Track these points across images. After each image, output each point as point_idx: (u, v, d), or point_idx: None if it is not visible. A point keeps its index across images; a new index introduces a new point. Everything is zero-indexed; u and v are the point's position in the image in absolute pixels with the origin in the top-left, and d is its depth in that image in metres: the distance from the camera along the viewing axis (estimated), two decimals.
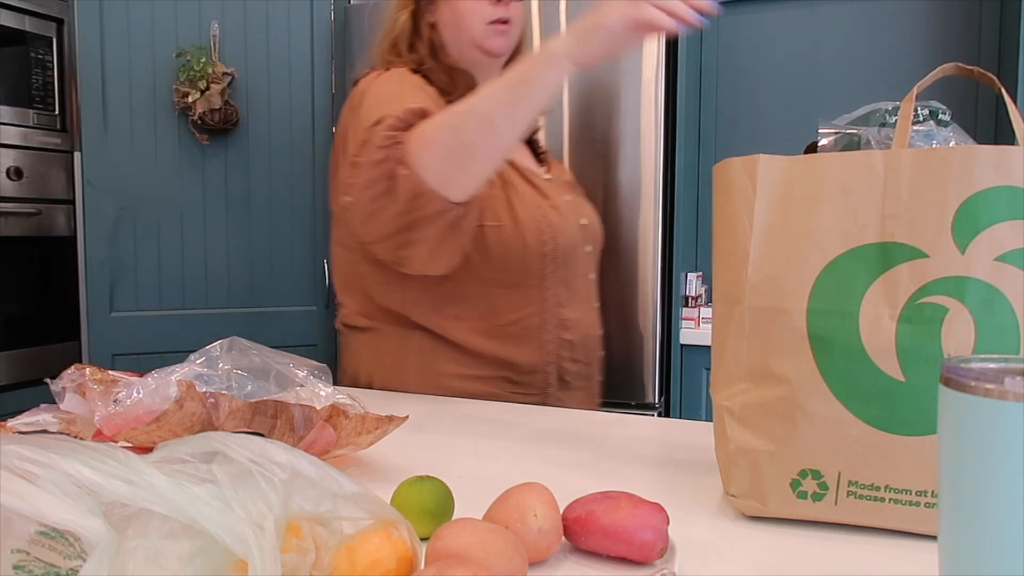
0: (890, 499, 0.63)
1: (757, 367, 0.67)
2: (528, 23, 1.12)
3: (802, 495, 0.66)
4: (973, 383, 0.41)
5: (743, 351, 0.68)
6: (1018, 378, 0.40)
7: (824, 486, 0.65)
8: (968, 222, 0.61)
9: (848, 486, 0.64)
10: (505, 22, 1.13)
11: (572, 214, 1.20)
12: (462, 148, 0.91)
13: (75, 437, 0.72)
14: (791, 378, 0.65)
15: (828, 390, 0.64)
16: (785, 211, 0.66)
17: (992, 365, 0.43)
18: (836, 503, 0.65)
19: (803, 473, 0.65)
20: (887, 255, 0.63)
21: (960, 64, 0.72)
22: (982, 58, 2.11)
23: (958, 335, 0.61)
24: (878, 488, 0.64)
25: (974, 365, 0.43)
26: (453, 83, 1.14)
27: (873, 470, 0.63)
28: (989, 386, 0.40)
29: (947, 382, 0.43)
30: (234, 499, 0.43)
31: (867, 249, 0.64)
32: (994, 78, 0.71)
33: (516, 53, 1.22)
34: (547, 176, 1.24)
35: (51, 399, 0.70)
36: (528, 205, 1.13)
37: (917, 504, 0.63)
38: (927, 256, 0.62)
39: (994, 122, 2.09)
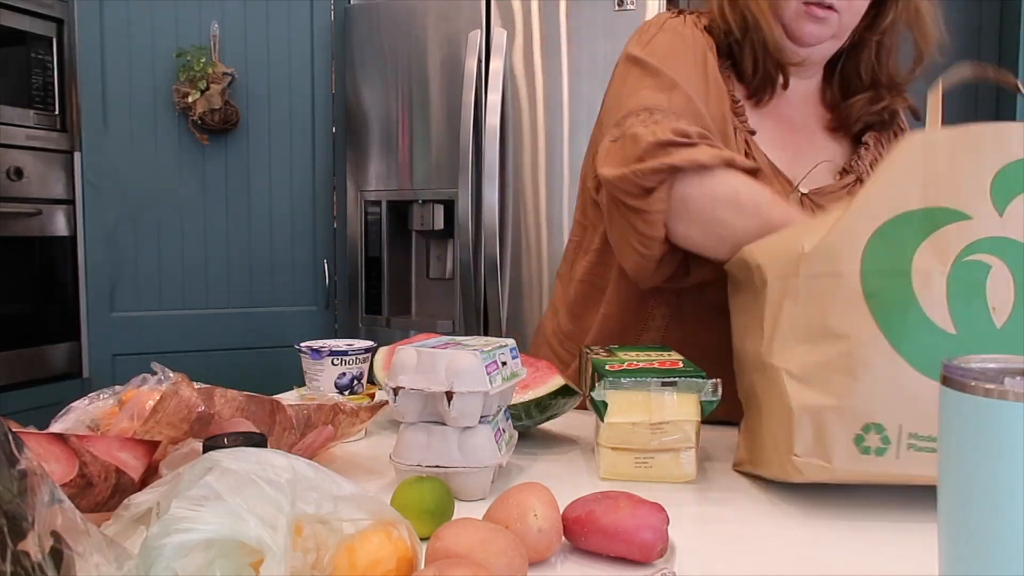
0: None
1: (815, 328, 0.70)
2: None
3: (866, 450, 0.68)
4: (973, 383, 0.41)
5: (799, 317, 0.71)
6: (1018, 378, 0.40)
7: (886, 439, 0.67)
8: (1004, 188, 0.67)
9: (908, 439, 0.67)
10: (827, 7, 0.94)
11: None
12: (712, 238, 0.89)
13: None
14: (850, 334, 0.68)
15: (887, 343, 0.67)
16: None
17: (992, 365, 0.43)
18: (897, 456, 0.67)
19: (866, 428, 0.67)
20: (932, 219, 0.68)
21: (977, 63, 0.76)
22: (982, 58, 2.11)
23: (1000, 290, 0.66)
24: (935, 440, 0.64)
25: (974, 365, 0.43)
26: (753, 67, 0.99)
27: (931, 421, 0.63)
28: (989, 386, 0.40)
29: (947, 382, 0.43)
30: (242, 507, 0.43)
31: (912, 215, 0.68)
32: (1011, 76, 0.73)
33: (839, 55, 1.03)
34: None
35: (51, 400, 0.70)
36: None
37: None
38: (970, 218, 0.67)
39: (994, 118, 2.09)
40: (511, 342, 0.82)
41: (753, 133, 0.99)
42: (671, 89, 0.94)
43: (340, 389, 0.94)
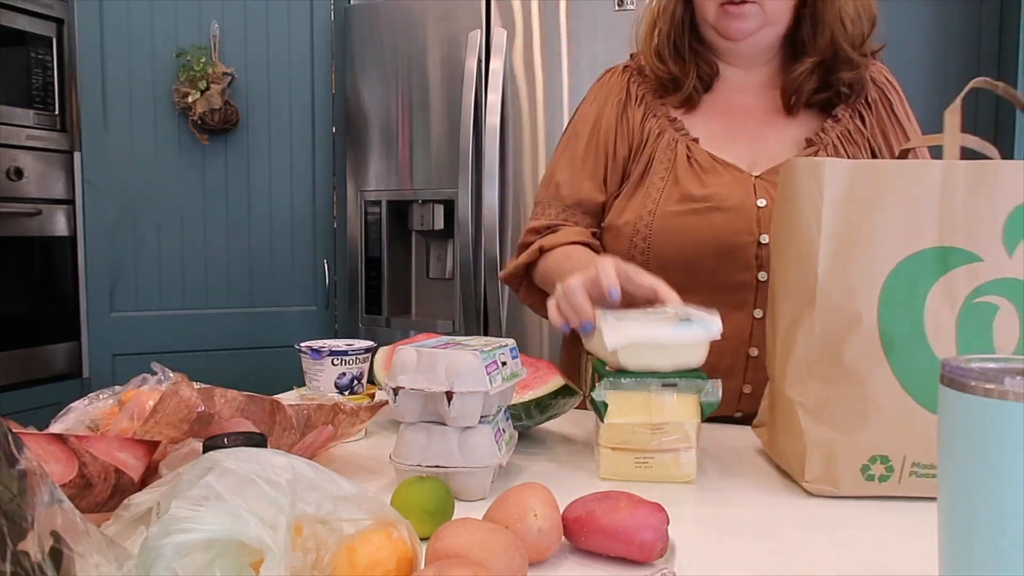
0: None
1: (829, 365, 0.72)
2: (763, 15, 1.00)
3: (870, 478, 0.72)
4: (973, 383, 0.41)
5: (814, 349, 0.73)
6: (1018, 378, 0.40)
7: (891, 469, 0.72)
8: (1016, 228, 0.68)
9: (911, 467, 0.71)
10: (740, 2, 0.99)
11: None
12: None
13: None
14: (863, 375, 0.71)
15: (897, 383, 0.70)
16: (848, 215, 0.71)
17: (992, 365, 0.43)
18: (899, 482, 0.72)
19: (873, 459, 0.72)
20: (945, 259, 0.69)
21: (988, 80, 0.76)
22: (982, 58, 2.11)
23: (1005, 330, 0.68)
24: (935, 467, 0.68)
25: (974, 365, 0.43)
26: (680, 74, 1.07)
27: (933, 452, 0.68)
28: (989, 386, 0.40)
29: (947, 382, 0.43)
30: (242, 507, 0.43)
31: (928, 253, 0.70)
32: (1017, 94, 0.74)
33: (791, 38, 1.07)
34: None
35: (51, 400, 0.70)
36: None
37: None
38: (981, 260, 0.69)
39: (994, 125, 2.09)
40: (511, 342, 0.82)
41: (696, 140, 1.06)
42: (553, 178, 1.13)
43: (340, 389, 0.94)
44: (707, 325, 0.77)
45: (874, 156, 1.05)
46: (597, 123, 1.11)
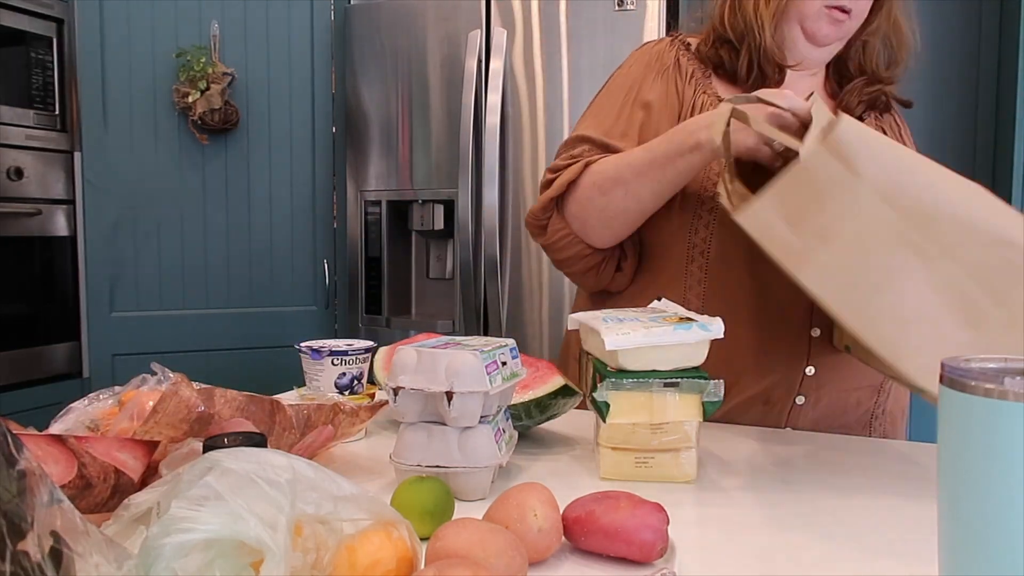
0: None
1: None
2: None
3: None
4: (973, 383, 0.41)
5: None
6: (1018, 378, 0.40)
7: None
8: None
9: None
10: (846, 11, 1.00)
11: None
12: (606, 211, 1.01)
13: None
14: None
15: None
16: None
17: (992, 365, 0.43)
18: None
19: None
20: None
21: None
22: (982, 58, 2.11)
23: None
24: None
25: (974, 365, 0.43)
26: (748, 70, 1.05)
27: None
28: (989, 386, 0.40)
29: (947, 382, 0.43)
30: (242, 507, 0.43)
31: None
32: None
33: (843, 56, 1.10)
34: None
35: (51, 400, 0.70)
36: None
37: None
38: None
39: (994, 125, 2.09)
40: (511, 342, 0.82)
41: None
42: (578, 132, 1.08)
43: (340, 389, 0.94)
44: (707, 325, 0.77)
45: None
46: (636, 86, 1.08)
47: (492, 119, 2.16)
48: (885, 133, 1.10)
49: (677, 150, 0.93)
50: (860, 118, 1.10)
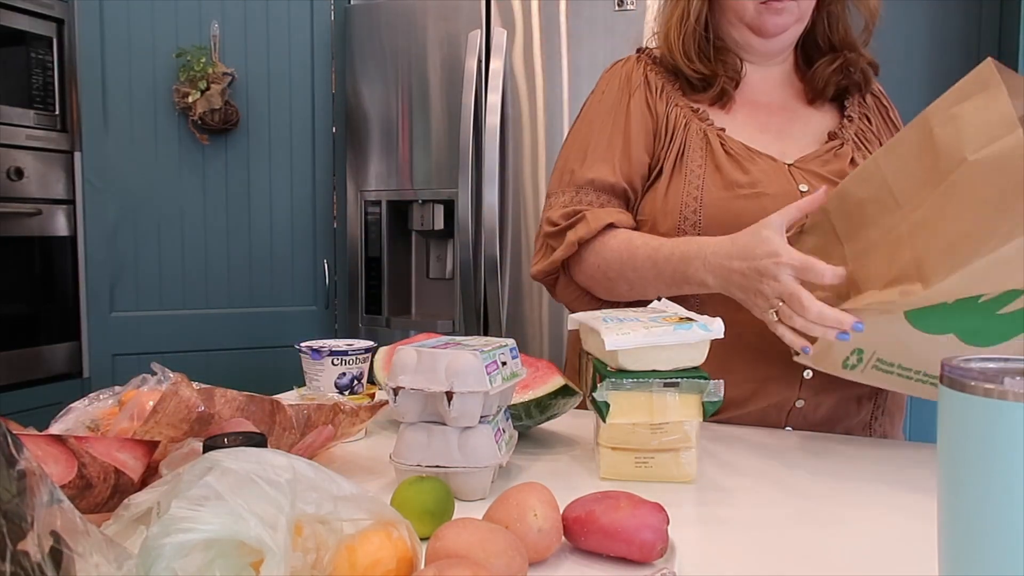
0: (897, 373, 0.86)
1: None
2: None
3: (845, 364, 0.85)
4: (973, 383, 0.41)
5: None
6: (1018, 378, 0.40)
7: (860, 360, 0.85)
8: None
9: (875, 361, 0.84)
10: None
11: None
12: (612, 291, 1.06)
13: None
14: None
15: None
16: None
17: (992, 365, 0.43)
18: (863, 372, 0.86)
19: (853, 352, 0.84)
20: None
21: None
22: (982, 58, 2.11)
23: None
24: (892, 364, 0.85)
25: (974, 365, 0.43)
26: (712, 73, 1.08)
27: (899, 353, 0.84)
28: (989, 386, 0.40)
29: (947, 382, 0.43)
30: (242, 507, 0.43)
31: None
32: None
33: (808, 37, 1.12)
34: None
35: (51, 400, 0.70)
36: None
37: (909, 378, 0.86)
38: None
39: None
40: (511, 342, 0.82)
41: (723, 129, 1.07)
42: (566, 166, 1.11)
43: (340, 389, 0.94)
44: (707, 325, 0.77)
45: None
46: (613, 110, 1.10)
47: (492, 119, 2.16)
48: (870, 119, 1.11)
49: (684, 279, 0.95)
50: (841, 102, 1.12)
